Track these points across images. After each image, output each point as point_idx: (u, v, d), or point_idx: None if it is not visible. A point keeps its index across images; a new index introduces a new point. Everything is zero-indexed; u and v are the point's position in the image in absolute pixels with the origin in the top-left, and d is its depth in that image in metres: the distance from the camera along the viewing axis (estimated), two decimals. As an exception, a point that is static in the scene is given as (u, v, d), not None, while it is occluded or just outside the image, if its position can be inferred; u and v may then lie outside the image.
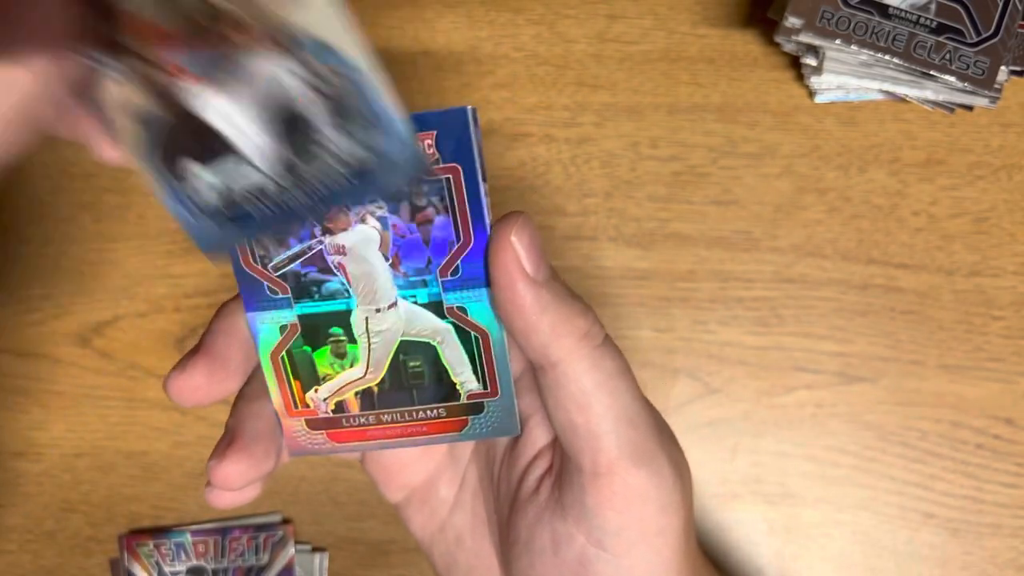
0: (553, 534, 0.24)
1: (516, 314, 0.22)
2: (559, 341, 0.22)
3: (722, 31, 0.40)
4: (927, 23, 0.36)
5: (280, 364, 0.24)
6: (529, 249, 0.22)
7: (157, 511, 0.41)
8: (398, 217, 0.22)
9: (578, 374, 0.22)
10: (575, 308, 0.22)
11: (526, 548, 0.24)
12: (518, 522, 0.25)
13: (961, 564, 0.39)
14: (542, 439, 0.25)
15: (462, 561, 0.27)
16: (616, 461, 0.22)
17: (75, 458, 0.41)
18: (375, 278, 0.23)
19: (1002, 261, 0.39)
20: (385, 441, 0.25)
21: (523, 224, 0.22)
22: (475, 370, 0.24)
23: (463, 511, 0.27)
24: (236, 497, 0.24)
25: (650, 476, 0.23)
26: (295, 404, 0.25)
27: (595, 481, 0.23)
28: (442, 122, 0.21)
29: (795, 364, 0.40)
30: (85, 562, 0.42)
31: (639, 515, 0.23)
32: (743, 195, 0.40)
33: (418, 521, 0.28)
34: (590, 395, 0.22)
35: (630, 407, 0.23)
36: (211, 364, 0.23)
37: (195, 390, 0.23)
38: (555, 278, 0.23)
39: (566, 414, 0.23)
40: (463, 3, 0.41)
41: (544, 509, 0.24)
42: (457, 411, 0.25)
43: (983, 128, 0.39)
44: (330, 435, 0.25)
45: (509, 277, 0.22)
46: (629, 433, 0.23)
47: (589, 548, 0.23)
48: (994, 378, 0.39)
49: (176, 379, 0.23)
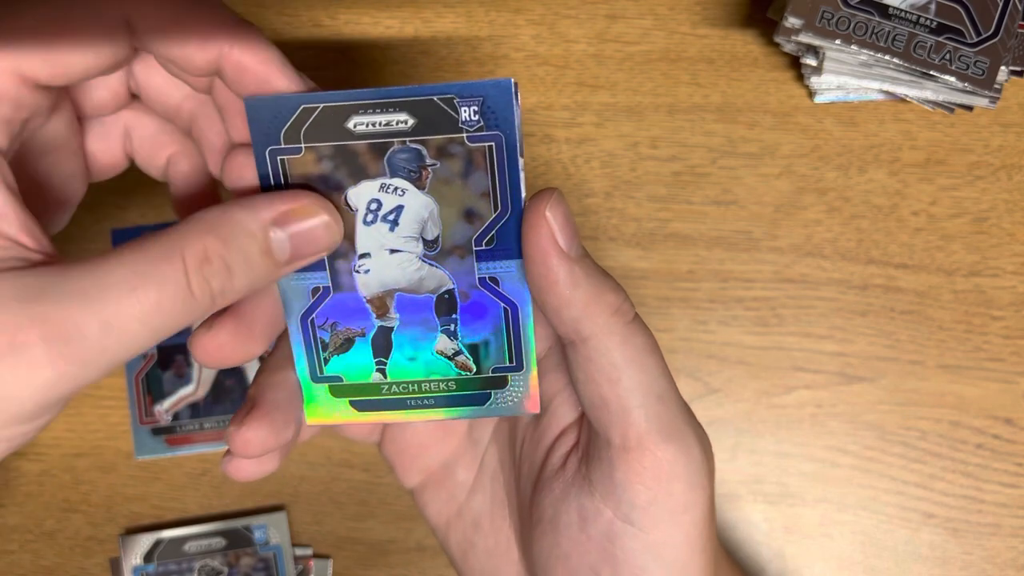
0: (580, 510, 0.24)
1: (549, 289, 0.22)
2: (591, 316, 0.22)
3: (722, 31, 0.40)
4: (927, 23, 0.36)
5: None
6: (563, 225, 0.22)
7: (157, 511, 0.41)
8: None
9: (609, 348, 0.22)
10: (607, 284, 0.23)
11: (551, 525, 0.25)
12: (543, 500, 0.25)
13: (961, 564, 0.39)
14: (568, 416, 0.25)
15: (479, 545, 0.27)
16: (646, 435, 0.23)
17: (75, 458, 0.42)
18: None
19: (1002, 261, 0.39)
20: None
21: (557, 200, 0.22)
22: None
23: (482, 494, 0.28)
24: (254, 468, 0.24)
25: (678, 452, 0.23)
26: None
27: (624, 455, 0.23)
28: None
29: (795, 364, 0.40)
30: (85, 562, 0.42)
31: (668, 490, 0.23)
32: (743, 195, 0.40)
33: (435, 506, 0.28)
34: (621, 369, 0.22)
35: (660, 383, 0.23)
36: (237, 324, 0.23)
37: (219, 348, 0.23)
38: (587, 255, 0.23)
39: (596, 388, 0.23)
40: (463, 3, 0.41)
41: (571, 485, 0.24)
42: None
43: (983, 128, 0.39)
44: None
45: (543, 252, 0.22)
46: (658, 408, 0.23)
47: (617, 523, 0.23)
48: (994, 378, 0.39)
49: (201, 336, 0.23)
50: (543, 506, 0.25)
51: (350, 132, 0.22)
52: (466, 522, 0.28)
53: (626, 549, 0.23)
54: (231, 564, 0.40)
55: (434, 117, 0.22)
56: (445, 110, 0.22)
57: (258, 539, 0.41)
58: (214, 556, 0.40)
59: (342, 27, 0.41)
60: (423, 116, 0.22)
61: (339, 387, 0.25)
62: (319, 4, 0.41)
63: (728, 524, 0.40)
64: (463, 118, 0.22)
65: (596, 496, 0.24)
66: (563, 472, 0.25)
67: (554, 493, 0.25)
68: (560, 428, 0.25)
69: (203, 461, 0.41)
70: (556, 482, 0.25)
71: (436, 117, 0.22)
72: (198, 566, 0.40)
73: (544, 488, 0.25)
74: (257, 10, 0.41)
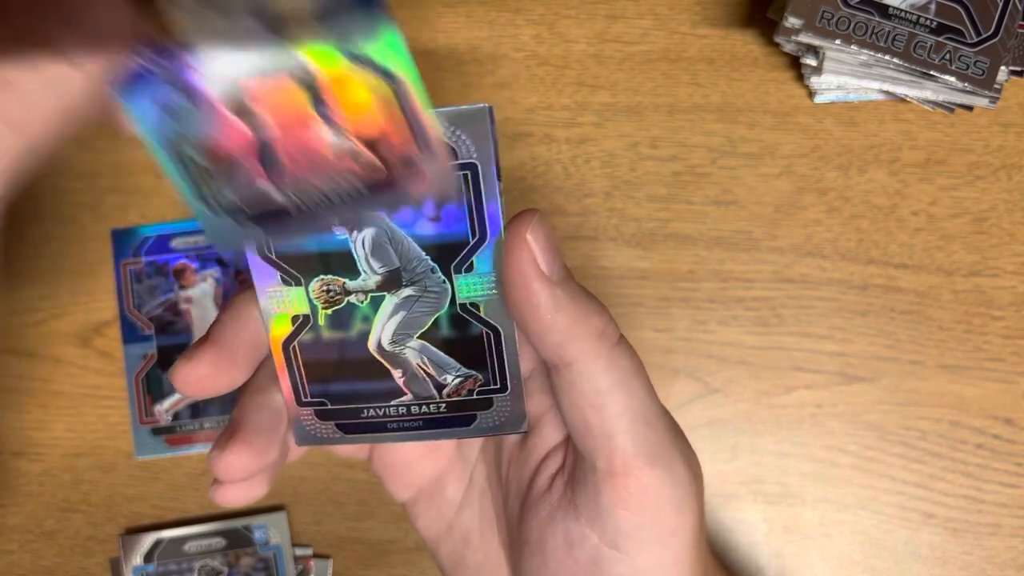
0: (566, 533, 0.24)
1: (530, 313, 0.22)
2: (574, 341, 0.22)
3: (722, 31, 0.40)
4: (927, 23, 0.36)
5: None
6: (545, 247, 0.21)
7: (157, 511, 0.41)
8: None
9: (593, 374, 0.22)
10: (591, 307, 0.22)
11: (538, 547, 0.24)
12: (529, 521, 0.25)
13: (961, 564, 0.39)
14: (553, 437, 0.25)
15: (470, 560, 0.27)
16: (632, 461, 0.22)
17: (75, 458, 0.42)
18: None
19: (1002, 261, 0.39)
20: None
21: (539, 222, 0.21)
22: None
23: (471, 510, 0.27)
24: (241, 493, 0.24)
25: (665, 476, 0.23)
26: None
27: (610, 481, 0.22)
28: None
29: (795, 364, 0.40)
30: (85, 562, 0.42)
31: (654, 515, 0.23)
32: (743, 195, 0.40)
33: (425, 520, 0.28)
34: (605, 395, 0.22)
35: (645, 407, 0.23)
36: (218, 354, 0.23)
37: (200, 379, 0.23)
38: (570, 277, 0.22)
39: (581, 414, 0.22)
40: (463, 3, 0.41)
41: (557, 508, 0.24)
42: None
43: (983, 128, 0.39)
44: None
45: (524, 276, 0.21)
46: (645, 433, 0.22)
47: (603, 548, 0.23)
48: (994, 378, 0.39)
49: (182, 368, 0.23)
50: (530, 527, 0.25)
51: None
52: (456, 537, 0.28)
53: (613, 574, 0.23)
54: (231, 564, 0.40)
55: None
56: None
57: (258, 539, 0.41)
58: (214, 556, 0.40)
59: (342, 27, 0.41)
60: None
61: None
62: (319, 4, 0.41)
63: (728, 524, 0.40)
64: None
65: (582, 520, 0.23)
66: (549, 495, 0.24)
67: (540, 516, 0.24)
68: (546, 450, 0.25)
69: (203, 461, 0.41)
70: (542, 505, 0.24)
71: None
72: (198, 566, 0.40)
73: (531, 510, 0.25)
74: (257, 10, 0.41)
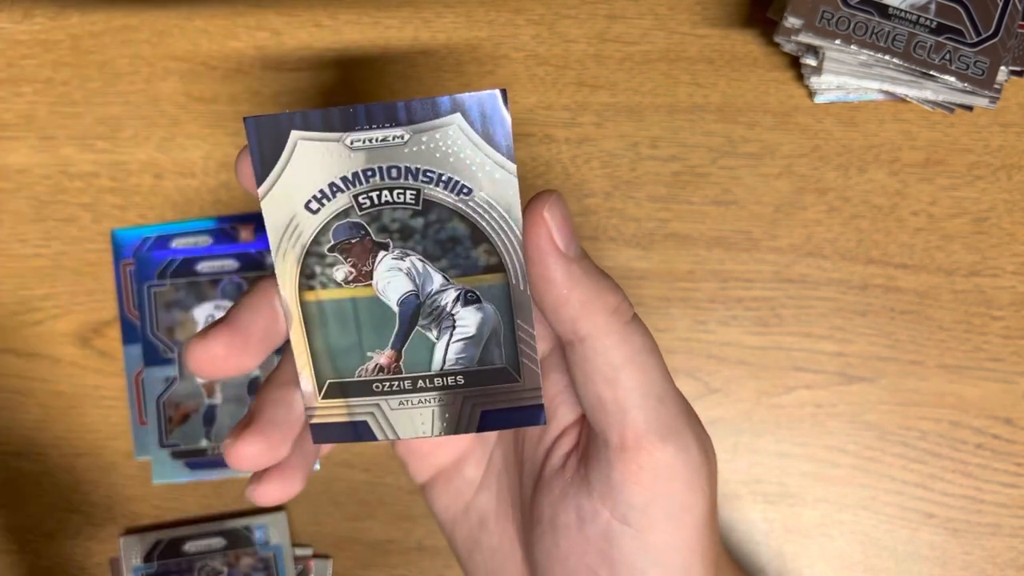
0: (578, 510, 0.24)
1: (547, 288, 0.22)
2: (589, 316, 0.22)
3: (722, 31, 0.40)
4: (927, 23, 0.36)
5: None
6: (561, 225, 0.22)
7: (157, 511, 0.41)
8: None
9: (607, 348, 0.22)
10: (605, 285, 0.23)
11: (550, 526, 0.25)
12: (542, 500, 0.25)
13: (961, 564, 0.39)
14: (568, 417, 0.25)
15: (484, 543, 0.27)
16: (644, 436, 0.22)
17: (75, 458, 0.41)
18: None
19: (1001, 261, 0.39)
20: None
21: (556, 201, 0.22)
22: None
23: (488, 492, 0.28)
24: (278, 491, 0.24)
25: (677, 452, 0.23)
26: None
27: (622, 456, 0.23)
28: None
29: (795, 364, 0.40)
30: (85, 562, 0.42)
31: (665, 491, 0.23)
32: (743, 195, 0.40)
33: (442, 502, 0.28)
34: (619, 369, 0.22)
35: (658, 383, 0.23)
36: (232, 336, 0.23)
37: (212, 359, 0.23)
38: (586, 256, 0.23)
39: (594, 388, 0.23)
40: (463, 3, 0.41)
41: (569, 485, 0.24)
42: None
43: (983, 128, 0.39)
44: None
45: (541, 251, 0.22)
46: (657, 408, 0.23)
47: (614, 524, 0.23)
48: (994, 378, 0.39)
49: (196, 347, 0.22)
50: (542, 507, 0.25)
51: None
52: (472, 520, 0.28)
53: (623, 550, 0.23)
54: (231, 564, 0.40)
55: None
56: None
57: (258, 539, 0.41)
58: (214, 556, 0.40)
59: (342, 27, 0.41)
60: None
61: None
62: (319, 4, 0.41)
63: (728, 524, 0.40)
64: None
65: (594, 496, 0.23)
66: (562, 473, 0.25)
67: (553, 494, 0.25)
68: (560, 429, 0.25)
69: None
70: (555, 482, 0.25)
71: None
72: (198, 566, 0.40)
73: (544, 489, 0.25)
74: (257, 10, 0.41)
